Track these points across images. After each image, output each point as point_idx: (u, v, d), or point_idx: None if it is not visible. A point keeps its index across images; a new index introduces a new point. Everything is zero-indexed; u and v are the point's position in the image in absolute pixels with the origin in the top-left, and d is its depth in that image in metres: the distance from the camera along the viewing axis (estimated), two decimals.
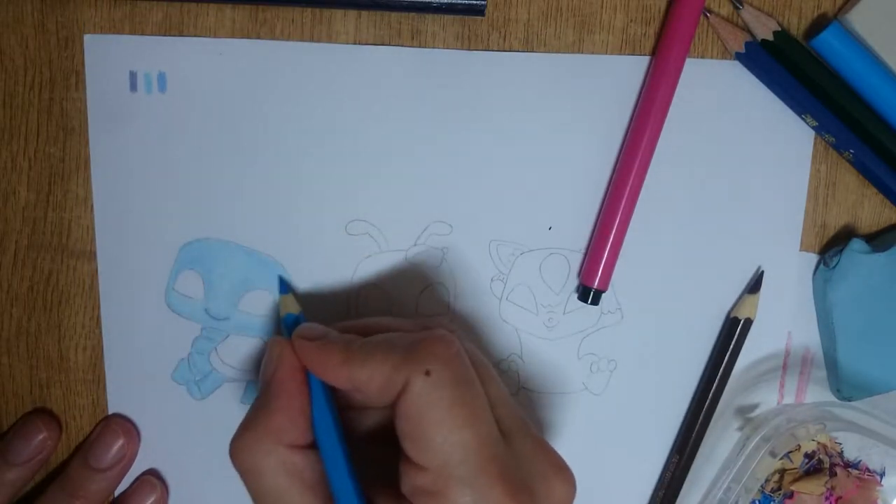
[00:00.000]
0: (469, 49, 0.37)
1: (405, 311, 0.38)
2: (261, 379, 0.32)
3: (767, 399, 0.39)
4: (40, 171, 0.37)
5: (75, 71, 0.36)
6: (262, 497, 0.29)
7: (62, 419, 0.39)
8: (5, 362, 0.38)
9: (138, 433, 0.38)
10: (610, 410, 0.39)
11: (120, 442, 0.37)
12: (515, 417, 0.30)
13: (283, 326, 0.35)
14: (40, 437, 0.37)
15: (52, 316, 0.38)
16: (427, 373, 0.28)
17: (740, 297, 0.38)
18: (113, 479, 0.38)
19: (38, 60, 0.36)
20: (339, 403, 0.32)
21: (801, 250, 0.39)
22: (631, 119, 0.37)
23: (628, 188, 0.37)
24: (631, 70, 0.37)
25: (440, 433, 0.27)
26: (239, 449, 0.30)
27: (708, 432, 0.39)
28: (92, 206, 0.37)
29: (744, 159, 0.38)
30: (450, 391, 0.28)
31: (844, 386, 0.38)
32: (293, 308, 0.35)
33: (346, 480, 0.29)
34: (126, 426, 0.38)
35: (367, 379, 0.29)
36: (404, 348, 0.29)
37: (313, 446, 0.30)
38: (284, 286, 0.37)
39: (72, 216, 0.37)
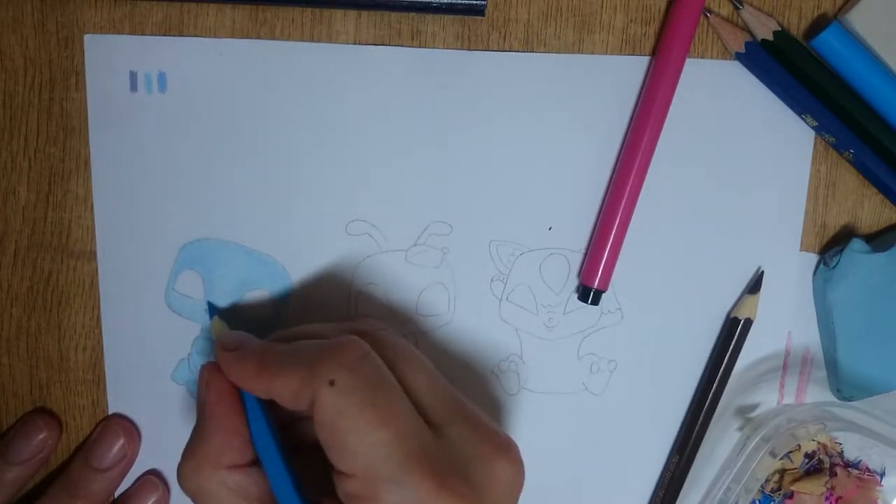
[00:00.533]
0: (469, 49, 0.37)
1: (405, 312, 0.38)
2: (197, 399, 0.32)
3: (767, 399, 0.39)
4: (40, 171, 0.37)
5: (75, 71, 0.36)
6: None
7: (62, 419, 0.39)
8: (5, 362, 0.38)
9: (139, 433, 0.38)
10: (610, 410, 0.39)
11: (121, 442, 0.37)
12: (449, 406, 0.30)
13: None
14: (41, 436, 0.37)
15: (52, 316, 0.38)
16: (331, 382, 0.28)
17: (740, 298, 0.38)
18: (114, 479, 0.38)
19: (38, 60, 0.36)
20: (283, 413, 0.32)
21: (801, 250, 0.39)
22: (631, 119, 0.37)
23: (628, 188, 0.37)
24: (631, 70, 0.37)
25: (356, 438, 0.27)
26: (183, 476, 0.30)
27: (708, 432, 0.39)
28: (92, 206, 0.37)
29: (744, 159, 0.38)
30: (358, 396, 0.28)
31: (844, 386, 0.38)
32: (223, 329, 0.35)
33: (290, 493, 0.30)
34: (127, 426, 0.38)
35: (280, 391, 0.29)
36: (309, 360, 0.29)
37: (256, 462, 0.31)
38: (213, 310, 0.37)
39: (72, 216, 0.37)
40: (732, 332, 0.38)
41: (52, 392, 0.38)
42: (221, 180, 0.37)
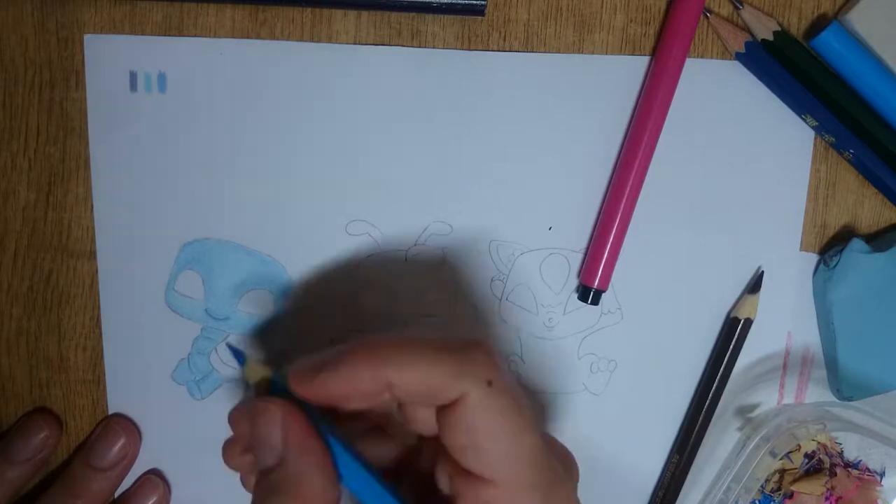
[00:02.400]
0: (469, 49, 0.37)
1: (405, 312, 0.38)
2: (265, 449, 0.27)
3: (767, 399, 0.39)
4: (40, 171, 0.37)
5: (75, 71, 0.36)
6: None
7: (62, 419, 0.39)
8: (5, 362, 0.38)
9: (139, 433, 0.38)
10: (610, 410, 0.39)
11: (121, 441, 0.37)
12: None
13: (274, 391, 0.28)
14: (41, 435, 0.37)
15: (52, 316, 0.38)
16: (489, 383, 0.26)
17: (740, 297, 0.38)
18: (114, 478, 0.38)
19: (38, 60, 0.36)
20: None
21: (801, 250, 0.39)
22: (631, 119, 0.37)
23: (628, 188, 0.37)
24: (631, 70, 0.37)
25: (505, 441, 0.26)
26: None
27: (708, 432, 0.39)
28: (92, 206, 0.37)
29: (744, 159, 0.38)
30: (511, 399, 0.26)
31: (844, 386, 0.38)
32: (264, 371, 0.29)
33: None
34: (127, 426, 0.38)
35: (411, 381, 0.26)
36: (458, 352, 0.26)
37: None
38: (241, 357, 0.30)
39: (72, 216, 0.37)
40: (732, 332, 0.38)
41: (52, 392, 0.38)
42: (221, 180, 0.37)
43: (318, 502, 0.26)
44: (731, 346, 0.38)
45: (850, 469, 0.39)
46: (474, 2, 0.36)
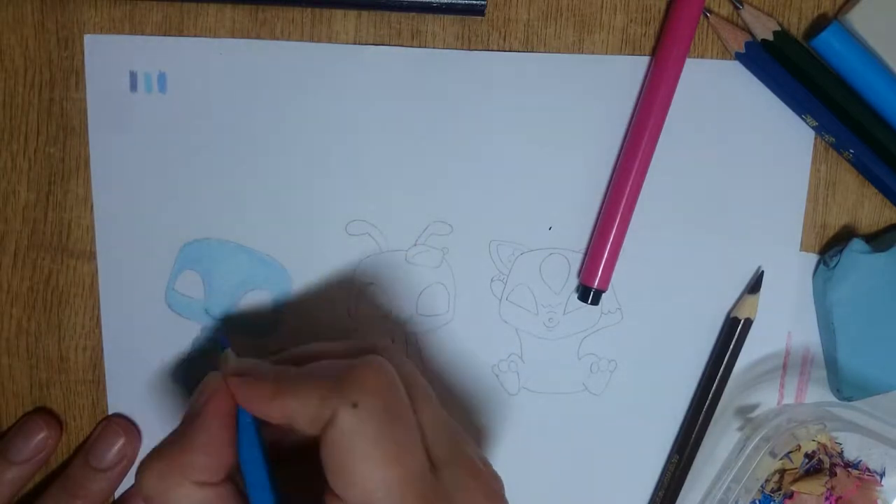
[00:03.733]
0: (469, 49, 0.37)
1: (405, 311, 0.38)
2: (188, 408, 0.30)
3: (767, 399, 0.39)
4: (40, 171, 0.37)
5: (75, 71, 0.36)
6: None
7: (62, 419, 0.39)
8: (5, 362, 0.38)
9: (139, 433, 0.38)
10: (610, 410, 0.39)
11: (121, 441, 0.37)
12: (450, 443, 0.30)
13: None
14: (41, 435, 0.37)
15: (52, 316, 0.38)
16: (354, 405, 0.27)
17: (740, 298, 0.38)
18: (114, 478, 0.38)
19: (38, 60, 0.36)
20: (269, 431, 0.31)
21: (800, 250, 0.39)
22: (631, 119, 0.37)
23: (628, 188, 0.36)
24: (631, 70, 0.37)
25: (364, 469, 0.27)
26: (147, 473, 0.29)
27: (708, 432, 0.39)
28: (92, 206, 0.37)
29: (744, 159, 0.38)
30: (376, 425, 0.27)
31: (844, 386, 0.38)
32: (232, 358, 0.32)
33: None
34: (127, 426, 0.38)
35: (297, 411, 0.28)
36: (333, 378, 0.28)
37: (224, 481, 0.29)
38: (225, 342, 0.33)
39: (72, 216, 0.37)
40: (732, 332, 0.38)
41: (52, 392, 0.38)
42: (222, 180, 0.37)
43: (190, 469, 0.28)
44: (731, 347, 0.38)
45: (850, 469, 0.39)
46: (474, 2, 0.36)
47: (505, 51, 0.37)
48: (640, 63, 0.37)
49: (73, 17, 0.36)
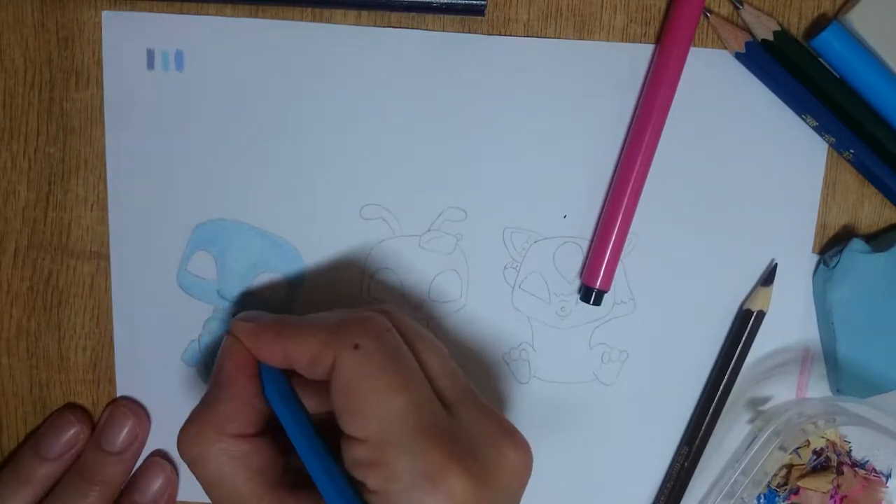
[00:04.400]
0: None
1: (417, 297, 0.38)
2: (213, 371, 0.32)
3: (780, 393, 0.39)
4: (40, 171, 0.37)
5: (75, 71, 0.36)
6: (209, 485, 0.30)
7: (92, 415, 0.38)
8: (5, 362, 0.38)
9: (148, 414, 0.38)
10: (620, 401, 0.39)
11: (130, 423, 0.37)
12: (461, 388, 0.30)
13: None
14: (72, 431, 0.37)
15: (52, 316, 0.38)
16: (355, 346, 0.28)
17: (753, 289, 0.38)
18: (128, 461, 0.38)
19: (38, 60, 0.36)
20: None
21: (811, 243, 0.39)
22: (631, 119, 0.37)
23: (628, 190, 0.37)
24: (645, 55, 0.37)
25: (373, 402, 0.28)
26: (184, 440, 0.30)
27: (718, 424, 0.39)
28: (92, 206, 0.37)
29: (755, 157, 0.38)
30: (378, 361, 0.28)
31: (845, 385, 0.38)
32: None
33: (321, 458, 0.29)
34: (135, 408, 0.38)
35: (298, 354, 0.30)
36: (333, 324, 0.30)
37: (262, 433, 0.31)
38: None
39: (72, 216, 0.37)
40: (745, 324, 0.38)
41: (52, 392, 0.38)
42: (237, 161, 0.37)
43: (222, 425, 0.30)
44: (744, 339, 0.38)
45: (856, 469, 0.39)
46: (474, 2, 0.36)
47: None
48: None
49: (73, 17, 0.36)
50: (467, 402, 0.30)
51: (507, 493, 0.29)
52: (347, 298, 0.38)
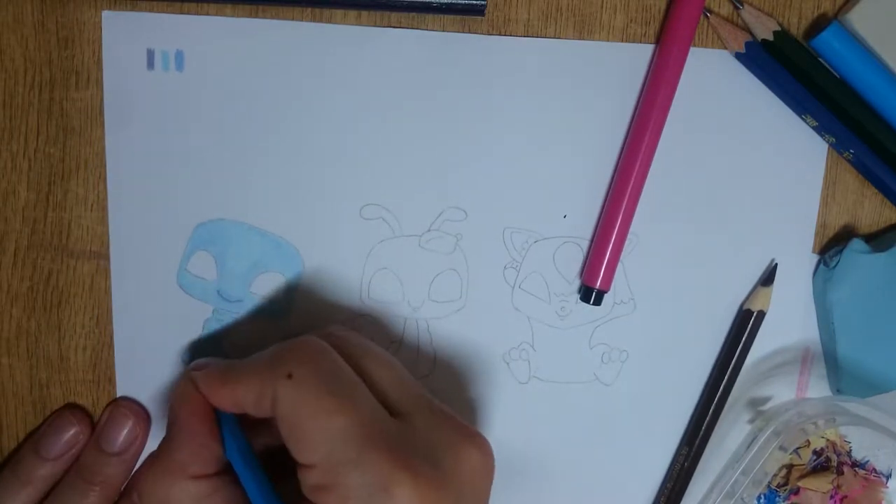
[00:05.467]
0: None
1: (417, 297, 0.38)
2: (168, 414, 0.33)
3: (780, 393, 0.39)
4: (40, 171, 0.37)
5: (75, 71, 0.36)
6: None
7: (91, 415, 0.38)
8: (5, 362, 0.38)
9: (148, 414, 0.38)
10: (621, 401, 0.39)
11: (130, 423, 0.37)
12: (413, 397, 0.31)
13: None
14: (72, 431, 0.37)
15: (52, 316, 0.38)
16: (289, 375, 0.29)
17: (753, 289, 0.38)
18: (128, 461, 0.37)
19: (38, 60, 0.36)
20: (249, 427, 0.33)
21: (811, 244, 0.39)
22: (631, 119, 0.37)
23: (628, 191, 0.37)
24: (645, 55, 0.37)
25: (314, 427, 0.28)
26: (147, 483, 0.32)
27: (718, 425, 0.39)
28: (92, 206, 0.37)
29: (756, 157, 0.38)
30: (313, 385, 0.29)
31: (845, 385, 0.38)
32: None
33: (268, 498, 0.30)
34: (134, 408, 0.38)
35: (244, 396, 0.30)
36: (266, 359, 0.30)
37: (221, 472, 0.32)
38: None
39: (72, 216, 0.37)
40: (745, 324, 0.38)
41: (52, 392, 0.38)
42: (237, 161, 0.37)
43: (180, 468, 0.31)
44: (744, 339, 0.38)
45: (856, 469, 0.39)
46: (474, 2, 0.36)
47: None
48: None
49: (73, 17, 0.36)
50: (422, 409, 0.30)
51: (472, 495, 0.29)
52: (347, 298, 0.38)
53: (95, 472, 0.37)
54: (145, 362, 0.38)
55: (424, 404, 0.31)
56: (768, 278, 0.38)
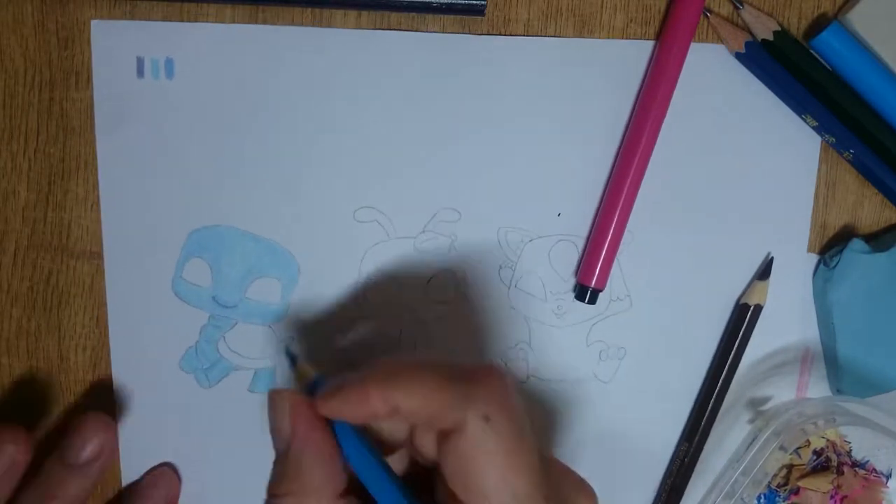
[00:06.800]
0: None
1: (413, 299, 0.38)
2: (273, 435, 0.29)
3: (780, 393, 0.39)
4: (40, 171, 0.37)
5: (75, 71, 0.36)
6: None
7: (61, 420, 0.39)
8: (5, 362, 0.38)
9: (115, 426, 0.38)
10: (619, 398, 0.39)
11: (96, 436, 0.36)
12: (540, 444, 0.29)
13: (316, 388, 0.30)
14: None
15: (52, 316, 0.38)
16: (486, 418, 0.26)
17: (750, 284, 0.38)
18: (92, 475, 0.36)
19: (38, 60, 0.36)
20: None
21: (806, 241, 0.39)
22: (630, 118, 0.37)
23: (625, 190, 0.37)
24: (643, 53, 0.37)
25: (494, 479, 0.26)
26: None
27: (718, 424, 0.39)
28: (92, 206, 0.37)
29: (752, 154, 0.38)
30: (507, 438, 0.27)
31: (845, 385, 0.38)
32: (310, 372, 0.31)
33: None
34: (102, 420, 0.37)
35: (414, 407, 0.27)
36: (461, 380, 0.27)
37: (346, 493, 0.28)
38: (293, 359, 0.32)
39: (72, 216, 0.37)
40: (742, 318, 0.38)
41: (52, 392, 0.38)
42: (229, 167, 0.37)
43: (318, 489, 0.27)
44: (741, 333, 0.38)
45: (856, 469, 0.39)
46: (474, 2, 0.36)
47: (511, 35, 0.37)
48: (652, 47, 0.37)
49: (73, 17, 0.36)
50: (547, 457, 0.29)
51: None
52: (343, 302, 0.38)
53: (56, 485, 0.35)
54: (142, 370, 0.38)
55: (546, 450, 0.30)
56: (764, 272, 0.38)
